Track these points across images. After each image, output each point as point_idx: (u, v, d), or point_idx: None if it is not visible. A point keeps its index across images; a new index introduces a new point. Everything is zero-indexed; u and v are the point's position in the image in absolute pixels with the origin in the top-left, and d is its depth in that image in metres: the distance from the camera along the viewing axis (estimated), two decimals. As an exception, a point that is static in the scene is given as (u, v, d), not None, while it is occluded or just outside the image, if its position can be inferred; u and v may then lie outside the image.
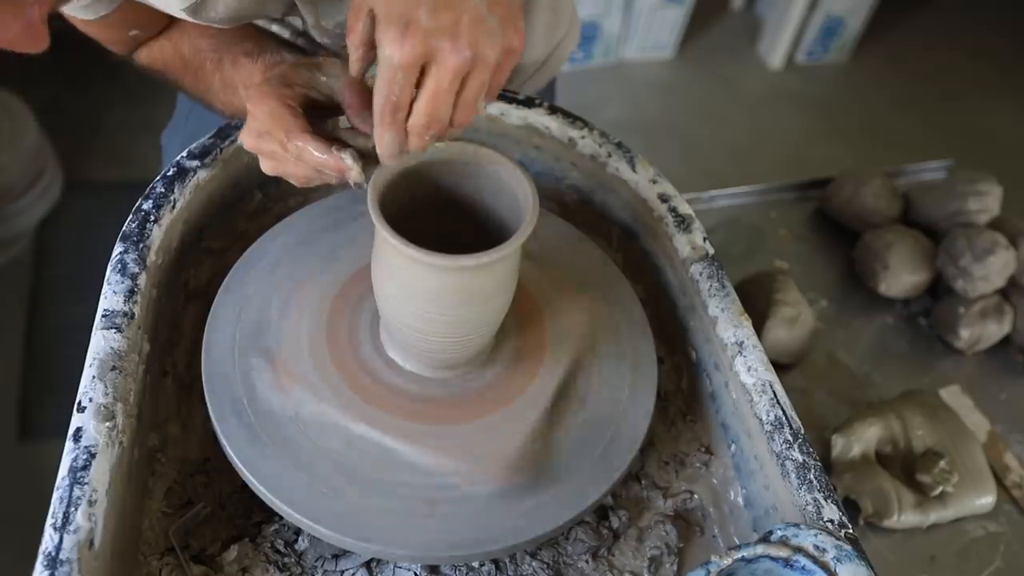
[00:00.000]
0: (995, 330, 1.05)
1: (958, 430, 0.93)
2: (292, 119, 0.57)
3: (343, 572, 0.63)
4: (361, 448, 0.60)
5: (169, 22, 0.74)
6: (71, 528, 0.52)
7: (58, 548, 0.51)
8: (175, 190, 0.71)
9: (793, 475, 0.62)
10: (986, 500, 0.89)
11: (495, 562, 0.64)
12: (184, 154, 0.74)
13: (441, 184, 0.61)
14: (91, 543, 0.53)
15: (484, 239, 0.58)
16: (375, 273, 0.60)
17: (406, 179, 0.59)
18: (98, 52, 1.01)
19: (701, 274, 0.73)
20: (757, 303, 0.98)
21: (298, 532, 0.64)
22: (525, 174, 0.59)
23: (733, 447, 0.70)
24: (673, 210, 0.77)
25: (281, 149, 0.58)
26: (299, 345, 0.64)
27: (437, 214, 0.62)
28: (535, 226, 0.56)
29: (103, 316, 0.63)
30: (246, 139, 0.61)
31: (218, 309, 0.67)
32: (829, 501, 0.60)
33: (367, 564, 0.63)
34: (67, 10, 0.64)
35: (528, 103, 0.82)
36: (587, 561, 0.65)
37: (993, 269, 1.03)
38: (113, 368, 0.60)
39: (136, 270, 0.66)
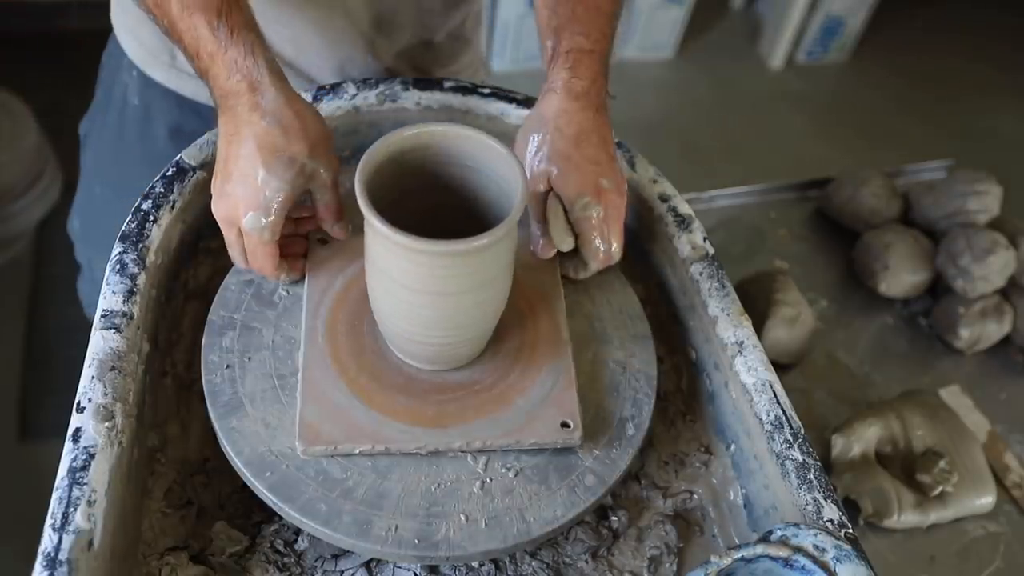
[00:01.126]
0: (995, 330, 1.05)
1: (958, 430, 0.93)
2: (275, 260, 0.66)
3: (343, 572, 0.62)
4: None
5: None
6: (70, 528, 0.52)
7: (57, 548, 0.51)
8: (174, 190, 0.71)
9: (793, 475, 0.62)
10: (986, 500, 0.89)
11: (495, 562, 0.64)
12: (183, 153, 0.74)
13: (430, 171, 0.61)
14: (90, 543, 0.53)
15: (475, 227, 0.57)
16: (366, 266, 0.60)
17: (394, 165, 0.58)
18: (98, 54, 1.01)
19: (701, 274, 0.73)
20: (757, 303, 0.98)
21: (298, 532, 0.64)
22: (512, 155, 0.58)
23: (733, 447, 0.70)
24: (673, 210, 0.77)
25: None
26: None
27: (426, 203, 0.61)
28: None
29: (102, 316, 0.63)
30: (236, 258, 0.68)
31: None
32: (829, 501, 0.60)
33: (367, 564, 0.63)
34: None
35: (528, 102, 0.82)
36: (587, 561, 0.65)
37: (993, 269, 1.04)
38: (112, 368, 0.60)
39: (135, 270, 0.66)
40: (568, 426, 0.63)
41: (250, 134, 0.61)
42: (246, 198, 0.62)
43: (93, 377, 0.59)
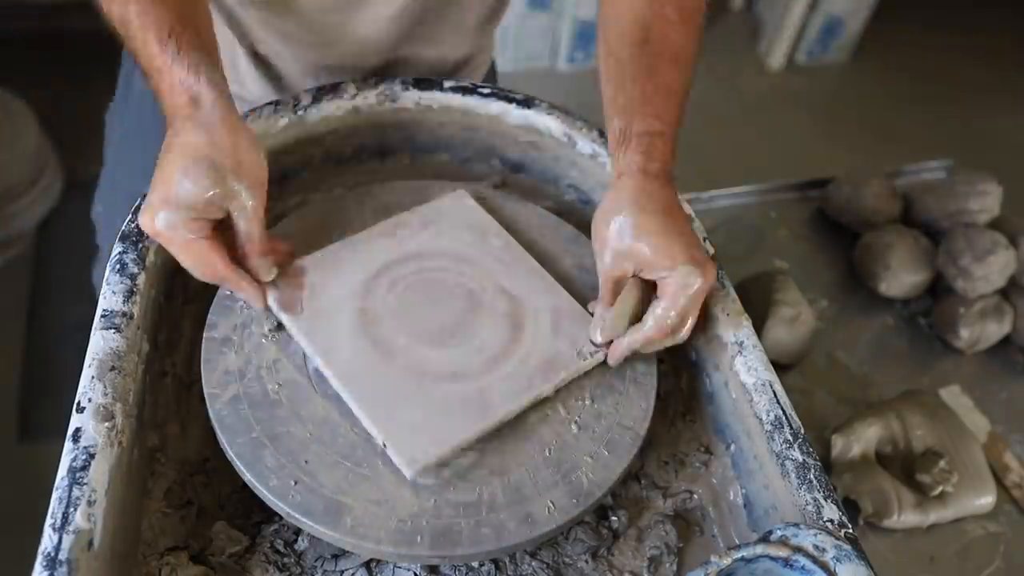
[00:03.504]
0: (995, 330, 1.05)
1: (958, 430, 0.93)
2: (220, 259, 0.62)
3: (343, 572, 0.62)
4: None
5: None
6: (70, 528, 0.52)
7: (57, 548, 0.51)
8: (175, 190, 0.71)
9: (793, 475, 0.62)
10: (986, 500, 0.89)
11: (495, 562, 0.64)
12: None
13: None
14: (90, 543, 0.53)
15: None
16: None
17: None
18: (98, 52, 1.01)
19: (701, 274, 0.73)
20: (757, 303, 0.98)
21: (298, 532, 0.64)
22: None
23: (733, 447, 0.70)
24: (673, 210, 0.77)
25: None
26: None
27: None
28: (533, 225, 0.56)
29: (102, 316, 0.63)
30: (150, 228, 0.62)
31: None
32: (829, 501, 0.60)
33: (367, 564, 0.63)
34: None
35: (528, 102, 0.82)
36: (587, 561, 0.65)
37: (993, 269, 1.03)
38: (112, 368, 0.60)
39: (135, 270, 0.66)
40: None
41: (178, 144, 0.60)
42: (157, 202, 0.60)
43: (93, 377, 0.59)
